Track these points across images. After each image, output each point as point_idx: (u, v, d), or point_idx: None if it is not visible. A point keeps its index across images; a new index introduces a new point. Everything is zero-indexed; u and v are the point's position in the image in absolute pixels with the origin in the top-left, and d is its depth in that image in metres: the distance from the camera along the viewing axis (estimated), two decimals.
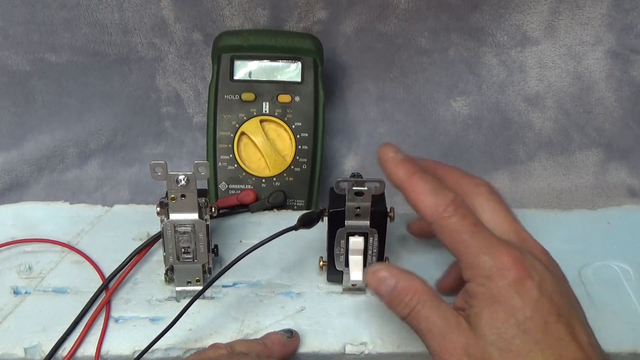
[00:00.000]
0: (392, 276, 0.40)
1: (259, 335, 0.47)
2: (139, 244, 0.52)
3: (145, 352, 0.45)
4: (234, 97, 0.62)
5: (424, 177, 0.41)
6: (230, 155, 0.61)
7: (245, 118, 0.61)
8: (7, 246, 0.53)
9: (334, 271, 0.50)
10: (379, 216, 0.47)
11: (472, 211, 0.40)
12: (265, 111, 0.62)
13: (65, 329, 0.47)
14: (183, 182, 0.45)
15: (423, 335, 0.38)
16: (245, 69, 0.62)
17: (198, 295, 0.46)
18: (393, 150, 0.44)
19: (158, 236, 0.52)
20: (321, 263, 0.50)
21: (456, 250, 0.39)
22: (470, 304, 0.37)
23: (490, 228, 0.40)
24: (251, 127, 0.61)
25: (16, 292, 0.50)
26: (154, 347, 0.45)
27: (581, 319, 0.39)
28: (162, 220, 0.47)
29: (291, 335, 0.46)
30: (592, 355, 0.36)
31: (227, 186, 0.61)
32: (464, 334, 0.37)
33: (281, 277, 0.52)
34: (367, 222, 0.47)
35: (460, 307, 0.38)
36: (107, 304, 0.49)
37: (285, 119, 0.62)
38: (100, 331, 0.47)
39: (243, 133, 0.61)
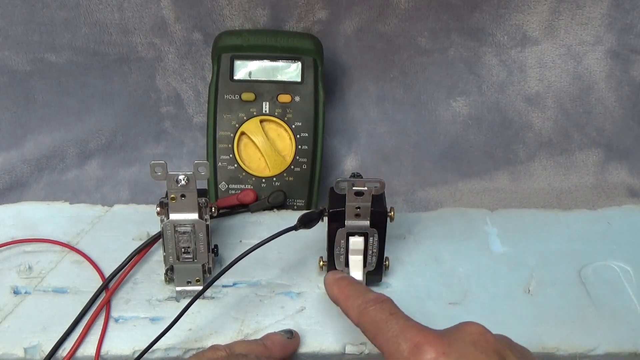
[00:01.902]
0: None
1: (259, 335, 0.47)
2: (139, 244, 0.52)
3: (146, 352, 0.45)
4: (234, 97, 0.62)
5: (353, 286, 0.43)
6: (230, 155, 0.61)
7: (245, 118, 0.61)
8: (7, 246, 0.53)
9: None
10: (379, 216, 0.47)
11: (393, 305, 0.40)
12: (265, 111, 0.62)
13: (65, 329, 0.47)
14: (183, 182, 0.45)
15: None
16: (245, 69, 0.62)
17: (198, 295, 0.46)
18: (335, 273, 0.46)
19: (158, 236, 0.52)
20: (321, 263, 0.50)
21: (375, 341, 0.39)
22: None
23: None
24: (251, 127, 0.61)
25: (16, 292, 0.50)
26: (154, 347, 0.45)
27: None
28: (162, 220, 0.47)
29: (291, 335, 0.46)
30: None
31: (227, 186, 0.61)
32: None
33: (281, 277, 0.52)
34: (367, 222, 0.47)
35: None
36: (107, 304, 0.49)
37: (285, 119, 0.62)
38: (100, 331, 0.47)
39: (243, 133, 0.61)
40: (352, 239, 0.47)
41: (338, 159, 0.72)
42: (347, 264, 0.49)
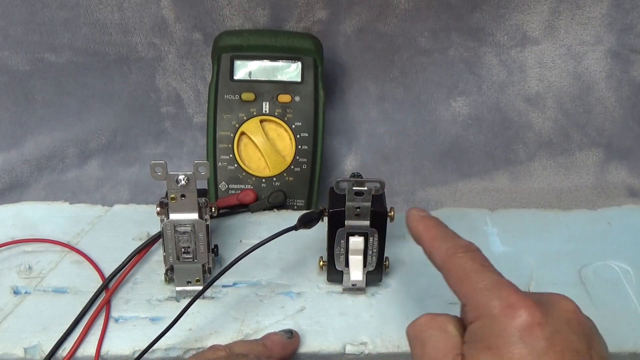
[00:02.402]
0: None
1: (259, 335, 0.47)
2: (139, 243, 0.52)
3: (146, 352, 0.45)
4: (234, 97, 0.62)
5: (441, 228, 0.41)
6: (230, 155, 0.61)
7: (245, 118, 0.61)
8: (7, 246, 0.53)
9: (334, 271, 0.50)
10: (379, 216, 0.47)
11: (484, 256, 0.38)
12: (265, 111, 0.62)
13: (65, 329, 0.47)
14: (183, 182, 0.45)
15: None
16: (245, 69, 0.62)
17: (198, 295, 0.46)
18: (420, 210, 0.43)
19: (158, 236, 0.52)
20: (321, 263, 0.50)
21: (461, 289, 0.36)
22: (468, 350, 0.34)
23: None
24: (251, 127, 0.61)
25: (16, 292, 0.50)
26: (154, 347, 0.45)
27: None
28: (162, 220, 0.47)
29: (291, 335, 0.46)
30: None
31: (227, 186, 0.61)
32: None
33: (281, 277, 0.52)
34: (367, 222, 0.47)
35: (463, 353, 0.34)
36: (107, 303, 0.49)
37: (285, 119, 0.62)
38: (100, 331, 0.47)
39: (243, 133, 0.61)
40: (352, 239, 0.47)
41: (338, 159, 0.72)
42: (347, 264, 0.49)
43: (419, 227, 0.41)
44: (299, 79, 0.62)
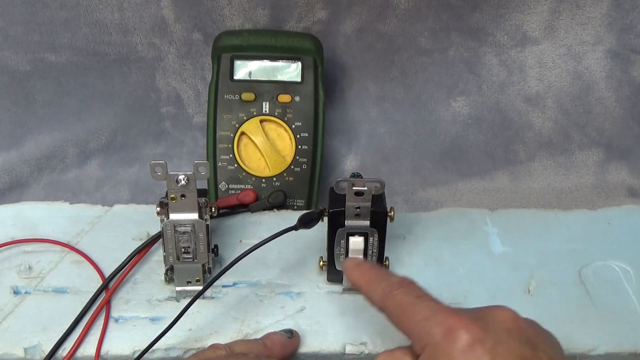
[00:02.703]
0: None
1: (259, 335, 0.47)
2: (139, 243, 0.52)
3: (146, 352, 0.45)
4: (234, 97, 0.62)
5: (375, 270, 0.42)
6: (230, 155, 0.61)
7: (245, 118, 0.61)
8: (7, 246, 0.53)
9: (334, 271, 0.50)
10: (379, 216, 0.47)
11: (420, 288, 0.39)
12: (265, 111, 0.62)
13: (65, 329, 0.47)
14: (183, 182, 0.45)
15: None
16: (245, 69, 0.62)
17: (198, 295, 0.46)
18: (354, 259, 0.45)
19: (158, 236, 0.52)
20: (321, 263, 0.50)
21: (403, 325, 0.37)
22: None
23: None
24: (251, 127, 0.61)
25: (16, 292, 0.50)
26: (154, 347, 0.45)
27: None
28: (162, 220, 0.47)
29: (291, 335, 0.46)
30: None
31: (227, 186, 0.61)
32: None
33: (281, 277, 0.52)
34: (367, 222, 0.47)
35: None
36: (107, 303, 0.49)
37: (285, 119, 0.62)
38: (100, 331, 0.47)
39: (243, 133, 0.61)
40: (352, 239, 0.47)
41: (338, 159, 0.72)
42: None
43: (354, 274, 0.43)
44: (299, 79, 0.62)
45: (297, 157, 0.61)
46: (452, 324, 0.34)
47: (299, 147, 0.61)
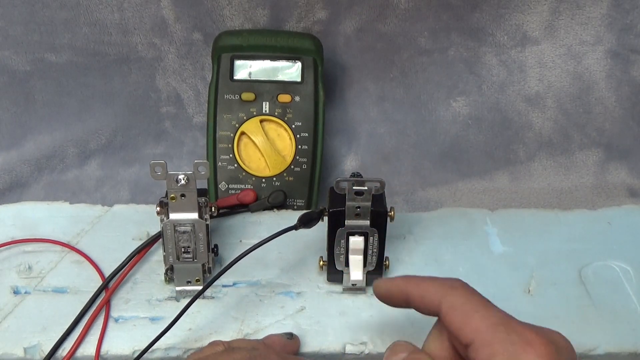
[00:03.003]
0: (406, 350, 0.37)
1: (259, 336, 0.47)
2: (138, 243, 0.52)
3: (145, 352, 0.45)
4: (234, 97, 0.62)
5: (418, 276, 0.39)
6: (230, 155, 0.61)
7: (245, 118, 0.61)
8: (7, 246, 0.53)
9: (334, 271, 0.50)
10: (379, 216, 0.47)
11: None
12: (265, 111, 0.62)
13: (65, 329, 0.47)
14: (183, 181, 0.45)
15: None
16: (245, 69, 0.62)
17: (198, 295, 0.46)
18: (383, 279, 0.41)
19: (158, 236, 0.52)
20: (321, 263, 0.50)
21: (470, 324, 0.34)
22: None
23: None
24: (251, 127, 0.61)
25: (16, 292, 0.50)
26: (154, 346, 0.45)
27: None
28: (162, 220, 0.47)
29: (291, 337, 0.46)
30: None
31: (227, 186, 0.61)
32: None
33: (281, 277, 0.52)
34: (367, 222, 0.47)
35: None
36: (107, 303, 0.49)
37: (285, 118, 0.62)
38: (100, 331, 0.47)
39: (243, 133, 0.61)
40: (352, 239, 0.47)
41: (338, 159, 0.72)
42: (347, 264, 0.49)
43: (397, 282, 0.39)
44: (299, 79, 0.62)
45: (297, 157, 0.61)
46: (531, 338, 0.32)
47: (299, 147, 0.61)
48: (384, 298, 0.40)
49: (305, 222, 0.47)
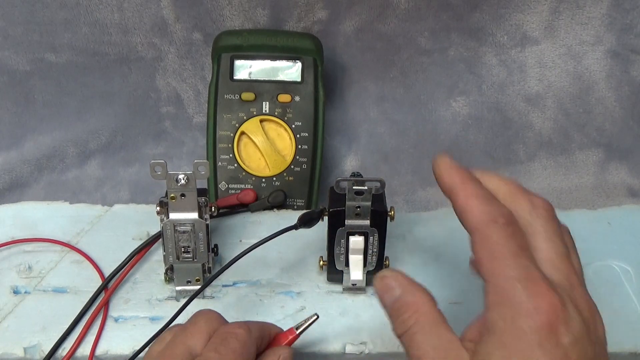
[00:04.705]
0: (399, 286, 0.35)
1: None
2: (138, 243, 0.52)
3: (142, 351, 0.45)
4: (234, 96, 0.62)
5: (478, 185, 0.35)
6: (230, 155, 0.61)
7: (245, 118, 0.61)
8: (7, 246, 0.53)
9: (334, 271, 0.50)
10: (379, 215, 0.47)
11: (524, 234, 0.34)
12: (265, 111, 0.62)
13: (65, 329, 0.47)
14: (183, 181, 0.45)
15: None
16: (245, 69, 0.62)
17: (196, 293, 0.46)
18: (449, 158, 0.38)
19: (158, 236, 0.52)
20: (321, 263, 0.50)
21: (489, 269, 0.32)
22: (484, 339, 0.31)
23: (538, 259, 0.33)
24: (251, 126, 0.61)
25: (16, 292, 0.50)
26: None
27: None
28: (162, 220, 0.47)
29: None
30: None
31: (227, 186, 0.61)
32: None
33: (281, 276, 0.52)
34: (367, 222, 0.47)
35: (471, 338, 0.32)
36: (107, 303, 0.49)
37: (285, 118, 0.62)
38: (99, 331, 0.47)
39: (243, 133, 0.61)
40: (352, 239, 0.47)
41: (338, 159, 0.72)
42: (347, 264, 0.48)
43: (454, 177, 0.36)
44: (299, 79, 0.62)
45: (297, 157, 0.61)
46: (541, 303, 0.31)
47: (299, 146, 0.61)
48: (436, 177, 0.37)
49: (305, 221, 0.47)
